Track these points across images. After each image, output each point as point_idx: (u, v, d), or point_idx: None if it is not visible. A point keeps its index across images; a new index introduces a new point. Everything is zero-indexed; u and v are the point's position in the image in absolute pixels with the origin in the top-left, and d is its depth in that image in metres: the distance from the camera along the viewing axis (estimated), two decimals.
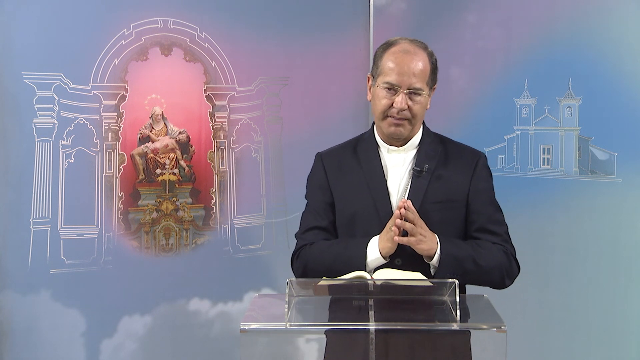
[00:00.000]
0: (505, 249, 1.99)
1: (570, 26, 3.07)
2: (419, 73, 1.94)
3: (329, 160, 2.09)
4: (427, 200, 1.97)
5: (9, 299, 2.85)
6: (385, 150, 2.04)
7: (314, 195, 2.09)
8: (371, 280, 1.77)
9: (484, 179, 2.05)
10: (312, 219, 2.06)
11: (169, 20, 3.11)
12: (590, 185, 3.05)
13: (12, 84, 2.82)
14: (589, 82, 3.03)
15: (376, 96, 1.98)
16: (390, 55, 1.96)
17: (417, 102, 1.96)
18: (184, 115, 3.17)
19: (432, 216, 1.95)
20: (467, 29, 3.32)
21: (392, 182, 2.01)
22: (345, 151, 2.10)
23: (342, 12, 3.42)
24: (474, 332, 1.65)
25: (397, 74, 1.93)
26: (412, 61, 1.94)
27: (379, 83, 1.97)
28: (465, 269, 1.90)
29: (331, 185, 2.05)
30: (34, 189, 2.88)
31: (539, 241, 3.14)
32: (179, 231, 3.18)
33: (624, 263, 2.98)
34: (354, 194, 2.02)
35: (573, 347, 3.08)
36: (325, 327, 1.77)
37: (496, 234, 2.00)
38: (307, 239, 2.04)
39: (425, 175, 1.98)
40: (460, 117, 3.31)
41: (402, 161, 2.03)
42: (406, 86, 1.93)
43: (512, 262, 2.00)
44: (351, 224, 2.01)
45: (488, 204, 2.03)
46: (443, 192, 1.99)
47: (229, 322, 3.23)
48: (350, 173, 2.05)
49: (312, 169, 2.13)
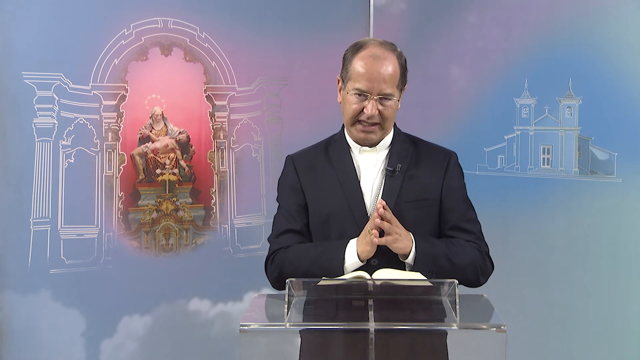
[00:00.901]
0: (478, 246, 1.99)
1: (570, 26, 3.07)
2: (388, 78, 1.93)
3: (300, 162, 2.09)
4: (401, 200, 1.97)
5: (9, 299, 2.86)
6: (357, 151, 2.04)
7: (287, 197, 2.07)
8: (371, 280, 1.76)
9: (456, 177, 2.06)
10: (285, 221, 2.04)
11: (169, 20, 3.11)
12: (590, 185, 3.05)
13: (12, 84, 2.82)
14: (589, 82, 3.03)
15: (346, 101, 1.97)
16: (360, 60, 1.94)
17: (388, 106, 1.95)
18: (184, 115, 3.17)
19: (406, 215, 1.95)
20: (467, 29, 3.32)
21: (365, 182, 2.01)
22: (317, 152, 2.09)
23: (342, 12, 3.42)
24: (471, 332, 1.65)
25: (367, 80, 1.92)
26: (382, 66, 1.92)
27: (349, 89, 1.95)
28: (440, 267, 1.90)
29: (304, 187, 2.04)
30: (34, 189, 2.88)
31: (539, 241, 3.13)
32: (179, 231, 3.18)
33: (624, 263, 2.98)
34: (327, 194, 2.01)
35: (573, 347, 3.08)
36: (325, 327, 1.77)
37: (470, 232, 2.01)
38: (281, 243, 2.02)
39: (398, 175, 1.99)
40: (460, 117, 3.30)
41: (374, 161, 2.02)
42: (376, 92, 1.92)
43: (486, 260, 2.01)
44: (325, 225, 2.00)
45: (461, 202, 2.04)
46: (416, 191, 1.99)
47: (229, 322, 3.23)
48: (322, 174, 2.04)
49: (283, 171, 2.12)
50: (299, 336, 1.82)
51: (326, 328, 1.70)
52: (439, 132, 3.20)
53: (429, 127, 3.21)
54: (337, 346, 1.81)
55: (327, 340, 1.73)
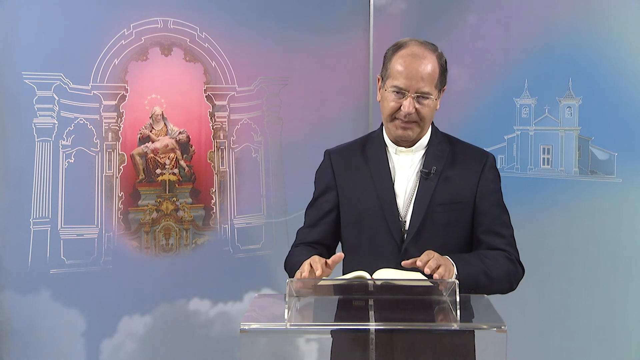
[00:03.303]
0: (509, 254, 1.99)
1: (570, 26, 3.07)
2: (427, 77, 1.94)
3: (337, 158, 2.10)
4: (434, 203, 1.97)
5: (9, 299, 2.86)
6: (393, 151, 2.04)
7: (320, 193, 2.11)
8: (371, 280, 1.76)
9: (492, 180, 2.04)
10: (313, 216, 2.10)
11: (169, 20, 3.11)
12: (590, 185, 3.05)
13: (12, 84, 2.82)
14: (589, 82, 3.03)
15: (385, 98, 1.98)
16: (399, 59, 1.95)
17: (425, 105, 1.95)
18: (184, 115, 3.17)
19: (438, 218, 1.96)
20: (467, 29, 3.33)
21: (399, 183, 2.01)
22: (354, 150, 2.10)
23: (342, 12, 3.42)
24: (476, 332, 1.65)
25: (405, 78, 1.93)
26: (421, 65, 1.93)
27: (388, 86, 1.96)
28: (480, 284, 1.90)
29: (338, 184, 2.06)
30: (34, 189, 2.88)
31: (539, 241, 3.13)
32: (179, 231, 3.18)
33: (624, 263, 2.98)
34: (360, 194, 2.02)
35: (573, 347, 3.08)
36: (325, 327, 1.77)
37: (503, 236, 2.00)
38: (300, 238, 2.11)
39: (433, 177, 1.98)
40: (460, 117, 3.30)
41: (410, 162, 2.03)
42: (414, 90, 1.93)
43: (518, 267, 2.01)
44: (357, 224, 2.02)
45: (495, 206, 2.03)
46: (450, 193, 1.99)
47: (229, 322, 3.23)
48: (357, 172, 2.05)
49: (321, 166, 2.14)
50: (299, 336, 1.82)
51: (326, 328, 1.70)
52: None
53: None
54: (337, 346, 1.82)
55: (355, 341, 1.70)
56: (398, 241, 1.96)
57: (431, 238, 1.94)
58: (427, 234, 1.95)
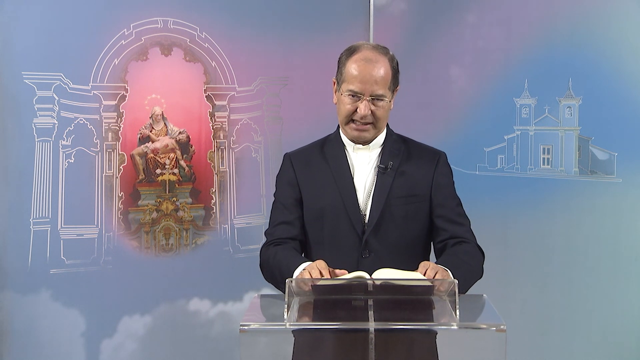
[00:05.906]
0: (474, 244, 2.07)
1: (570, 26, 3.07)
2: (380, 80, 2.01)
3: (297, 159, 2.17)
4: (392, 195, 2.05)
5: (9, 299, 2.86)
6: (351, 149, 2.12)
7: (283, 191, 2.16)
8: (371, 280, 1.77)
9: (446, 175, 2.14)
10: (280, 214, 2.13)
11: (169, 20, 3.11)
12: (590, 185, 3.05)
13: (12, 84, 2.83)
14: (589, 82, 3.04)
15: (341, 102, 2.06)
16: (353, 63, 2.03)
17: (380, 107, 2.04)
18: (184, 115, 3.17)
19: (396, 210, 2.04)
20: (467, 29, 3.33)
21: (359, 179, 2.09)
22: (313, 150, 2.18)
23: (342, 12, 3.42)
24: (471, 331, 1.65)
25: (360, 82, 2.01)
26: (374, 69, 2.01)
27: (343, 90, 2.04)
28: (468, 282, 1.97)
29: (299, 182, 2.13)
30: (34, 189, 2.88)
31: (539, 241, 3.14)
32: (179, 231, 3.18)
33: (624, 263, 2.98)
34: (322, 190, 2.09)
35: (573, 347, 3.08)
36: (325, 327, 1.77)
37: (463, 224, 2.10)
38: (274, 235, 2.11)
39: (390, 172, 2.07)
40: (460, 117, 3.31)
41: (367, 159, 2.11)
42: (369, 93, 2.01)
43: (482, 254, 2.09)
44: (319, 220, 2.08)
45: (451, 198, 2.12)
46: (407, 187, 2.07)
47: (229, 322, 3.23)
48: (318, 170, 2.12)
49: (281, 168, 2.20)
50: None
51: (326, 328, 1.70)
52: (439, 132, 3.21)
53: (429, 127, 3.21)
54: (337, 346, 1.82)
55: (326, 340, 1.74)
56: (360, 233, 2.04)
57: (390, 230, 2.04)
58: (386, 226, 2.04)
